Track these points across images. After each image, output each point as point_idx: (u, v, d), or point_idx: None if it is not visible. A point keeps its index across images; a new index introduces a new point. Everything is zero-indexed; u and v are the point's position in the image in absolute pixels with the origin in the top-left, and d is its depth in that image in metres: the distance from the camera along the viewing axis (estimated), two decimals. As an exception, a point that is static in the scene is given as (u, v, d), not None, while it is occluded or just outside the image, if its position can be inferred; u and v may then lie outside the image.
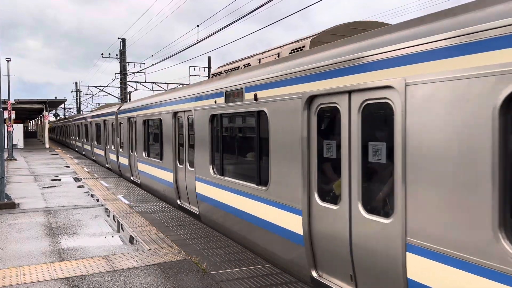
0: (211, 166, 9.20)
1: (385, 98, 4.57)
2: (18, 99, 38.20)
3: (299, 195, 6.03)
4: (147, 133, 14.54)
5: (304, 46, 6.95)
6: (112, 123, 20.51)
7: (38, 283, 6.08)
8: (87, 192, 14.28)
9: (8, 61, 31.92)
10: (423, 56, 4.05)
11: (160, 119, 12.68)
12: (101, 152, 23.96)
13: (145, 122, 14.55)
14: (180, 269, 6.65)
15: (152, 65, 35.08)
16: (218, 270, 6.60)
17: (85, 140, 31.62)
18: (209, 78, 25.02)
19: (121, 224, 9.67)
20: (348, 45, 5.18)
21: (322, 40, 6.81)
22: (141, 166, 15.11)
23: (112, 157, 20.69)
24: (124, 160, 18.11)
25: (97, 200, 12.69)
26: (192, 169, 10.39)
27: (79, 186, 15.59)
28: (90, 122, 27.98)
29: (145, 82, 37.78)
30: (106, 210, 11.27)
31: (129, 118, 17.01)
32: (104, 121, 22.72)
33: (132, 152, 16.57)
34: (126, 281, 6.15)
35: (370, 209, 4.92)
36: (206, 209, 9.70)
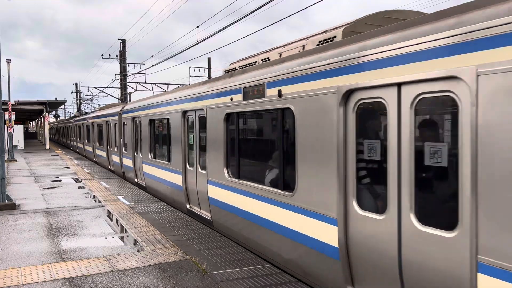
0: (225, 168, 8.52)
1: (448, 91, 3.90)
2: (18, 100, 38.24)
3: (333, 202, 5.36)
4: (154, 134, 13.81)
5: (335, 37, 6.35)
6: (115, 124, 19.92)
7: (39, 284, 6.11)
8: (87, 193, 14.31)
9: (8, 62, 31.95)
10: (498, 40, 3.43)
11: (168, 119, 11.98)
12: (103, 154, 23.35)
13: (151, 122, 13.87)
14: (180, 269, 6.68)
15: (152, 65, 35.09)
16: (218, 270, 6.63)
17: (86, 141, 30.93)
18: (209, 78, 23.68)
19: (122, 225, 9.70)
20: (392, 34, 4.58)
21: (355, 29, 6.21)
22: (147, 168, 14.45)
23: (115, 158, 20.10)
24: (128, 162, 17.50)
25: (98, 201, 12.73)
26: (204, 172, 9.64)
27: (79, 187, 15.63)
28: (92, 122, 27.34)
29: (145, 83, 37.80)
30: (107, 211, 11.30)
31: (133, 118, 16.38)
32: (107, 121, 22.10)
33: (136, 154, 15.95)
34: (127, 281, 6.18)
35: (425, 220, 4.22)
36: (219, 215, 9.01)
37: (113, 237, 8.68)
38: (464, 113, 3.72)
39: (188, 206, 10.86)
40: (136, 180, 16.37)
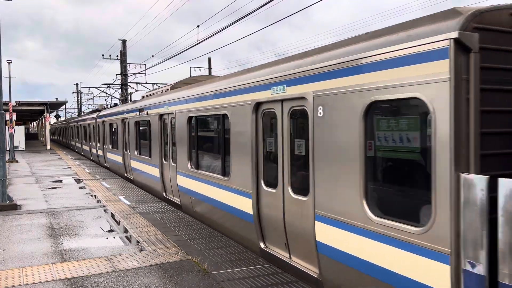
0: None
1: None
2: (19, 101, 38.26)
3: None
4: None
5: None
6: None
7: (41, 284, 6.13)
8: (88, 193, 14.33)
9: (9, 63, 31.99)
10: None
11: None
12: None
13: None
14: (181, 269, 6.69)
15: (153, 65, 35.14)
16: (219, 270, 6.64)
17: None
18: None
19: (123, 225, 9.71)
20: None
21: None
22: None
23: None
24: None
25: (99, 201, 12.74)
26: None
27: (80, 187, 15.64)
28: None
29: (146, 83, 37.81)
30: (108, 211, 11.31)
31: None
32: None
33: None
34: (128, 281, 6.19)
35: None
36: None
37: (114, 237, 8.70)
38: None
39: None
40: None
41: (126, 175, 18.60)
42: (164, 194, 12.82)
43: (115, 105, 29.83)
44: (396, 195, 4.85)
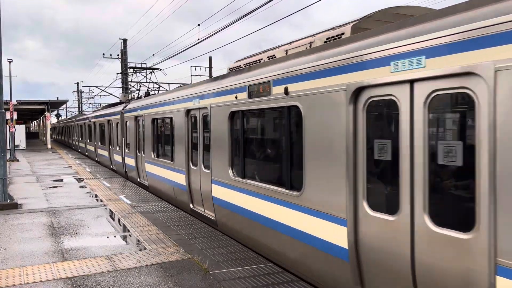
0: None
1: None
2: (20, 100, 38.28)
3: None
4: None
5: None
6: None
7: (41, 283, 6.13)
8: (89, 192, 14.33)
9: (9, 62, 32.00)
10: None
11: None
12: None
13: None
14: (182, 268, 6.69)
15: (154, 65, 35.09)
16: (220, 269, 6.64)
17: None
18: (210, 77, 20.99)
19: (123, 224, 9.71)
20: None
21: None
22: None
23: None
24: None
25: (99, 200, 12.74)
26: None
27: (81, 187, 15.65)
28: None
29: (147, 82, 37.78)
30: (108, 210, 11.32)
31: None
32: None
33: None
34: (129, 280, 6.19)
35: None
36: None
37: (115, 237, 8.69)
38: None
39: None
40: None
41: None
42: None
43: (147, 94, 20.63)
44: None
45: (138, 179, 16.34)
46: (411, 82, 4.34)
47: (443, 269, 4.00)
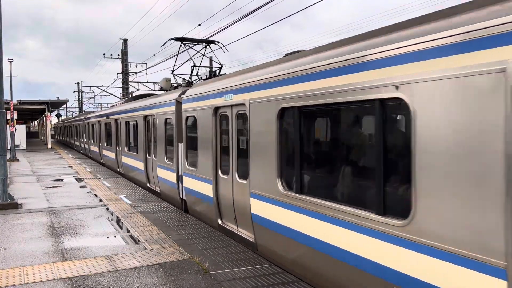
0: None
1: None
2: (20, 100, 38.31)
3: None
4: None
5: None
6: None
7: (42, 283, 6.13)
8: (89, 192, 14.33)
9: (10, 62, 32.02)
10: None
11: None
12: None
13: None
14: (182, 268, 6.69)
15: (154, 65, 35.16)
16: (220, 270, 6.64)
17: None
18: (212, 77, 13.50)
19: (124, 224, 9.71)
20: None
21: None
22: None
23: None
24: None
25: (100, 200, 12.74)
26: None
27: (81, 186, 15.65)
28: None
29: (147, 82, 37.83)
30: (109, 210, 11.31)
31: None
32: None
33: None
34: (129, 280, 6.19)
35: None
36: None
37: (115, 237, 8.69)
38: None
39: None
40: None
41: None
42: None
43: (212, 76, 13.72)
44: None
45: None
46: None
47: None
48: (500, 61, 3.43)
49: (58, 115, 73.83)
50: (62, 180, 17.67)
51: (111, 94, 46.73)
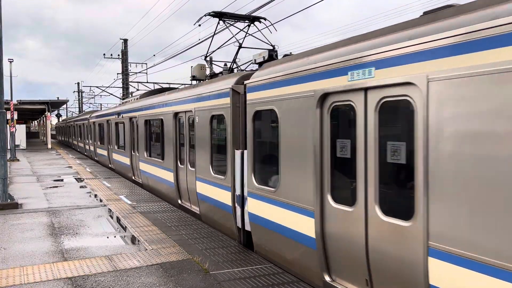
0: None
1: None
2: (20, 100, 38.32)
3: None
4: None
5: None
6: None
7: (41, 283, 6.12)
8: (89, 192, 14.33)
9: (10, 62, 32.03)
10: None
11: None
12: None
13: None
14: (182, 269, 6.69)
15: (154, 65, 35.14)
16: (220, 270, 6.63)
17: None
18: (212, 77, 11.33)
19: (124, 224, 9.71)
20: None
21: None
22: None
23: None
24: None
25: (100, 200, 12.74)
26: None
27: (81, 187, 15.65)
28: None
29: (147, 82, 37.83)
30: (109, 210, 11.31)
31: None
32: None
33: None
34: (129, 280, 6.19)
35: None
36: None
37: (115, 237, 8.69)
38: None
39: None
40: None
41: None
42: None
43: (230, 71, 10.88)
44: None
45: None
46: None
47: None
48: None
49: (58, 115, 73.84)
50: (62, 180, 17.67)
51: (111, 94, 46.76)
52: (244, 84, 8.00)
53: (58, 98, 55.66)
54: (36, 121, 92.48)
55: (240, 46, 10.99)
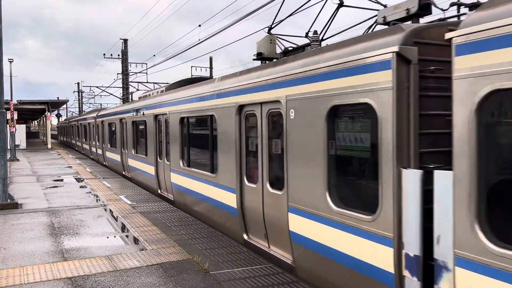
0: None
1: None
2: (20, 100, 38.31)
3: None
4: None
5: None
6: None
7: (41, 283, 6.12)
8: (89, 192, 14.33)
9: (10, 61, 32.02)
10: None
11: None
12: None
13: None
14: (182, 269, 6.69)
15: (154, 65, 35.12)
16: (220, 270, 6.63)
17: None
18: (211, 77, 15.97)
19: (124, 224, 9.71)
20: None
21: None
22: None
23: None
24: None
25: (100, 200, 12.74)
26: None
27: (81, 187, 15.65)
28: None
29: (147, 82, 37.84)
30: (108, 210, 11.31)
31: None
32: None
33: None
34: (129, 281, 6.18)
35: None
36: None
37: (115, 237, 8.69)
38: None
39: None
40: None
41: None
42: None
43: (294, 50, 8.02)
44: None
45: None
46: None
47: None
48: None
49: (58, 115, 73.82)
50: (62, 180, 17.67)
51: (111, 94, 46.75)
52: (450, 39, 3.81)
53: (58, 98, 55.64)
54: (36, 121, 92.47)
55: (341, 4, 7.92)
